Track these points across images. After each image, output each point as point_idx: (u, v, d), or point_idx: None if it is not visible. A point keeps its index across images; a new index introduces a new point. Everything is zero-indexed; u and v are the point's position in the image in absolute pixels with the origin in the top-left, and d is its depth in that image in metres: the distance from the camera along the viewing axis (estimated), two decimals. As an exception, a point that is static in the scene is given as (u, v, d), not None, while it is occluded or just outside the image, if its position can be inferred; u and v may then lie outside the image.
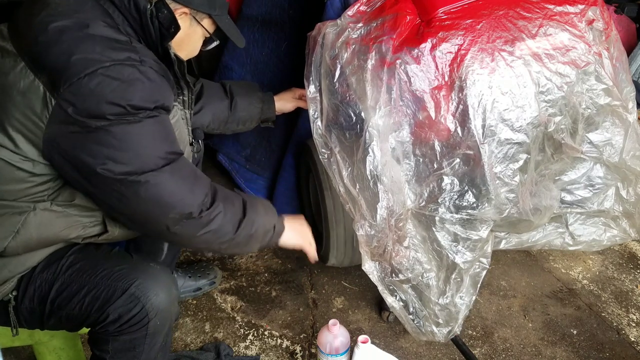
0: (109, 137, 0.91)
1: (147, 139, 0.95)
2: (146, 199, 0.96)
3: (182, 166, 1.02)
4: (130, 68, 0.92)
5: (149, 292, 1.02)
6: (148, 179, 0.95)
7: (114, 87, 0.89)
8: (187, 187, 1.01)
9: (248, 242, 1.14)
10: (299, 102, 1.69)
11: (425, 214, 1.30)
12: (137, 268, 1.06)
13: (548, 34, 1.28)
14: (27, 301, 1.05)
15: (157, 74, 0.97)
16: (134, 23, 1.01)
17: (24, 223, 0.98)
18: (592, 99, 1.35)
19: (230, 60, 2.15)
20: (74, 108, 0.88)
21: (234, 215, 1.10)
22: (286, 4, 1.94)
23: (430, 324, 1.36)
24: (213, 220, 1.04)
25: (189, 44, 1.16)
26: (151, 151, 0.96)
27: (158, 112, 0.97)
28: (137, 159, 0.94)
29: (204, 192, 1.04)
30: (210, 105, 1.52)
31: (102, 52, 0.90)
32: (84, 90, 0.88)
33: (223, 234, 1.08)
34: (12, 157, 0.93)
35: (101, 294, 1.02)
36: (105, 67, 0.89)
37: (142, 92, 0.92)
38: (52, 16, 0.93)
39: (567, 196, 1.58)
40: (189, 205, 1.00)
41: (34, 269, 1.05)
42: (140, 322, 1.02)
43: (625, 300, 1.77)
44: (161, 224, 1.01)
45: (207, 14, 1.13)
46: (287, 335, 1.62)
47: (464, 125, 1.23)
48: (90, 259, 1.08)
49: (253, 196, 1.20)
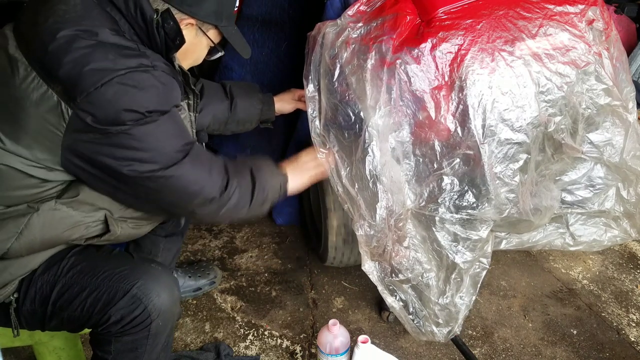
0: (129, 140, 0.93)
1: (165, 136, 0.98)
2: (173, 190, 1.01)
3: (198, 154, 1.05)
4: (144, 74, 0.93)
5: (151, 293, 1.03)
6: (173, 173, 0.99)
7: (131, 95, 0.91)
8: (206, 173, 1.05)
9: (262, 204, 1.18)
10: (298, 103, 1.69)
11: (425, 214, 1.30)
12: (139, 269, 1.07)
13: (548, 34, 1.27)
14: (29, 303, 1.04)
15: (169, 77, 0.99)
16: (140, 32, 1.01)
17: (27, 224, 0.98)
18: (592, 99, 1.35)
19: (230, 60, 2.15)
20: (93, 117, 0.89)
21: (247, 186, 1.14)
22: (286, 4, 1.94)
23: (430, 324, 1.36)
24: (232, 197, 1.09)
25: (194, 54, 1.18)
26: (171, 147, 0.99)
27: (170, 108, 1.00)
28: (160, 157, 0.97)
29: (221, 174, 1.09)
30: (211, 106, 1.52)
31: (115, 60, 0.91)
32: (101, 100, 0.89)
33: (241, 206, 1.12)
34: (25, 166, 0.94)
35: (103, 295, 1.02)
36: (120, 75, 0.90)
37: (157, 97, 0.95)
38: (60, 23, 0.92)
39: (567, 196, 1.58)
40: (211, 190, 1.06)
41: (34, 271, 1.05)
42: (143, 323, 1.02)
43: (625, 300, 1.77)
44: (187, 209, 1.07)
45: (214, 25, 1.13)
46: (287, 335, 1.62)
47: (464, 125, 1.23)
48: (91, 261, 1.08)
49: (255, 158, 1.23)
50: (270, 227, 2.17)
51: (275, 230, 2.15)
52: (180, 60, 1.13)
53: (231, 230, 2.14)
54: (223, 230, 2.14)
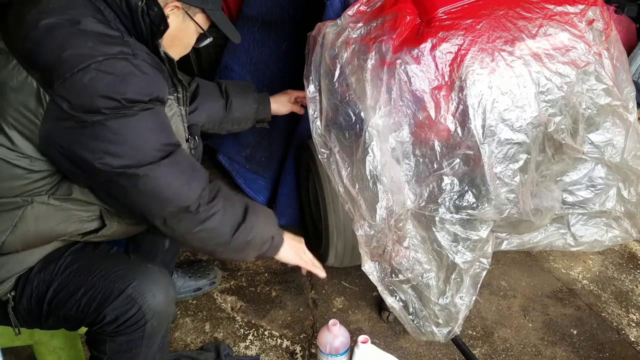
0: (105, 131, 0.91)
1: (143, 131, 0.95)
2: (145, 192, 0.96)
3: (180, 158, 1.01)
4: (123, 62, 0.91)
5: (146, 294, 1.02)
6: (147, 172, 0.95)
7: (107, 81, 0.89)
8: (184, 179, 1.01)
9: (244, 248, 1.12)
10: (293, 106, 1.70)
11: (425, 214, 1.30)
12: (135, 269, 1.06)
13: (548, 34, 1.27)
14: (25, 301, 1.04)
15: (150, 67, 0.97)
16: (125, 20, 1.00)
17: (21, 217, 0.98)
18: (592, 99, 1.35)
19: (230, 60, 2.15)
20: (69, 104, 0.88)
21: (234, 216, 1.09)
22: (286, 4, 1.94)
23: (430, 324, 1.36)
24: (211, 217, 1.04)
25: (182, 40, 1.15)
26: (148, 144, 0.96)
27: (153, 104, 0.97)
28: (135, 152, 0.94)
29: (201, 185, 1.03)
30: (206, 104, 1.52)
31: (94, 47, 0.90)
32: (77, 85, 0.88)
33: (219, 235, 1.07)
34: (9, 155, 0.93)
35: (98, 294, 1.02)
36: (98, 61, 0.88)
37: (136, 85, 0.92)
38: (43, 13, 0.92)
39: (568, 197, 1.58)
40: (187, 198, 1.00)
41: (31, 269, 1.05)
42: (137, 324, 1.02)
43: (625, 300, 1.77)
44: (159, 216, 1.01)
45: (200, 9, 1.11)
46: (287, 335, 1.62)
47: (464, 125, 1.23)
48: (88, 259, 1.07)
49: (256, 203, 1.19)
50: (270, 227, 2.17)
51: (276, 230, 2.15)
52: (167, 48, 1.10)
53: (231, 230, 2.14)
54: (223, 230, 2.14)
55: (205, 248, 1.10)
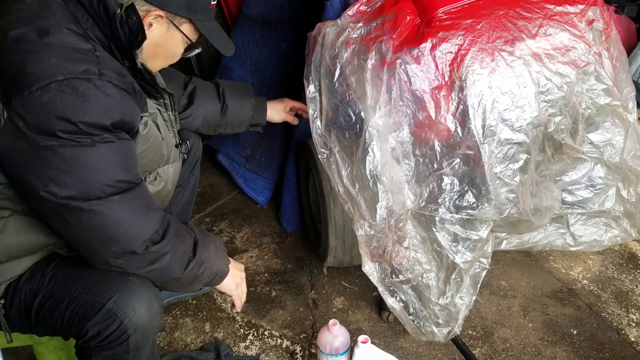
0: (56, 158, 0.85)
1: (97, 164, 0.89)
2: (89, 227, 0.91)
3: (133, 197, 0.95)
4: (85, 82, 0.86)
5: (127, 308, 0.98)
6: (92, 207, 0.89)
7: (66, 102, 0.84)
8: (135, 219, 0.95)
9: (192, 282, 1.10)
10: (287, 116, 1.69)
11: (425, 214, 1.30)
12: (117, 282, 1.00)
13: (548, 34, 1.28)
14: (15, 310, 1.02)
15: (116, 89, 0.91)
16: (104, 28, 0.95)
17: (3, 228, 0.96)
18: (592, 99, 1.35)
19: (230, 60, 2.15)
20: (25, 122, 0.83)
21: (184, 254, 1.05)
22: (286, 4, 1.94)
23: (430, 324, 1.36)
24: (160, 258, 1.00)
25: (168, 49, 1.10)
26: (99, 178, 0.89)
27: (116, 135, 0.92)
28: (82, 184, 0.88)
29: (153, 228, 0.98)
30: (202, 109, 1.50)
31: (57, 64, 0.85)
32: (35, 104, 0.83)
33: (170, 273, 1.04)
34: None
35: (80, 309, 0.98)
36: (58, 81, 0.84)
37: (97, 108, 0.87)
38: (13, 22, 0.88)
39: (568, 197, 1.58)
40: (133, 240, 0.95)
41: (20, 277, 1.03)
42: (120, 339, 0.98)
43: (625, 300, 1.77)
44: (101, 256, 0.96)
45: (187, 19, 1.06)
46: (287, 335, 1.62)
47: (464, 125, 1.23)
48: (72, 271, 1.03)
49: (206, 234, 1.16)
50: (270, 227, 2.17)
51: (275, 231, 2.15)
52: (149, 59, 1.06)
53: (231, 230, 2.14)
54: (223, 230, 2.14)
55: (159, 282, 1.06)
